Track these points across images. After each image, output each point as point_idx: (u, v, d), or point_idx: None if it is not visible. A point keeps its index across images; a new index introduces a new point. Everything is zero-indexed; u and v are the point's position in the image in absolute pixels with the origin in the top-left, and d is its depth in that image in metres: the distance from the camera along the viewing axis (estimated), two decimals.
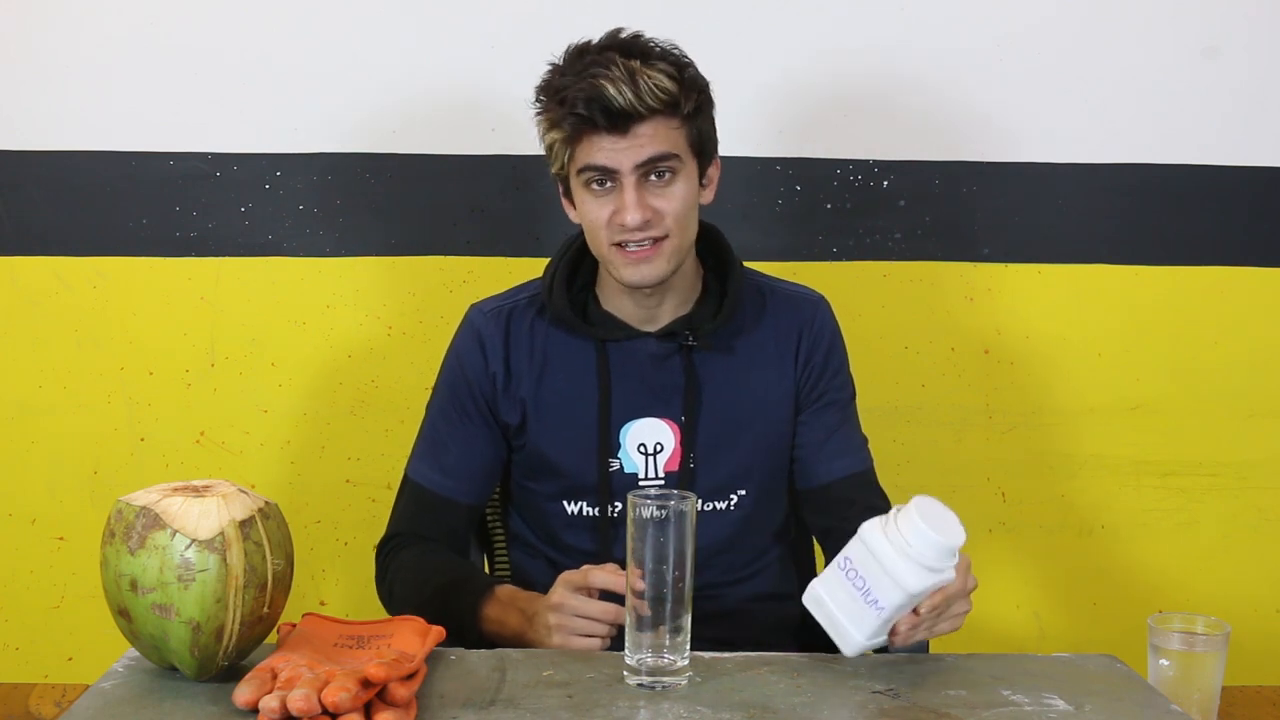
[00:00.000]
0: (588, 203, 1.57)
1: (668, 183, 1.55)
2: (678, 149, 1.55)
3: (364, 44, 2.13)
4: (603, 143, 1.53)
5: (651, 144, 1.53)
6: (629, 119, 1.51)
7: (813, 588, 1.32)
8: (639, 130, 1.52)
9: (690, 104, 1.56)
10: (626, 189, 1.53)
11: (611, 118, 1.51)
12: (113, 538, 1.21)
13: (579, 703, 1.22)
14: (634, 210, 1.53)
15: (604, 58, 1.52)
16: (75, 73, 2.12)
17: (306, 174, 2.15)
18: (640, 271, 1.57)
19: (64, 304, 2.16)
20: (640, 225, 1.54)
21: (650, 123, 1.53)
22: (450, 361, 1.70)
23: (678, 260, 1.59)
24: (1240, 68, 2.18)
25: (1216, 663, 1.37)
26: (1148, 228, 2.21)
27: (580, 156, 1.55)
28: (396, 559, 1.64)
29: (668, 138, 1.54)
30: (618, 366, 1.64)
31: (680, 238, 1.58)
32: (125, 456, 2.18)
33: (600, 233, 1.57)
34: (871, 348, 2.16)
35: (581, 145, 1.54)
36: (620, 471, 1.63)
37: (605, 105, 1.50)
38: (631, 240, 1.55)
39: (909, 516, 1.27)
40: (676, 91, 1.53)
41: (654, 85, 1.51)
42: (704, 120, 1.59)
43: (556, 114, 1.54)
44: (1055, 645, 2.22)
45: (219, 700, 1.18)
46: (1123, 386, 2.23)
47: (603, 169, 1.54)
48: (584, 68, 1.53)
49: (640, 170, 1.53)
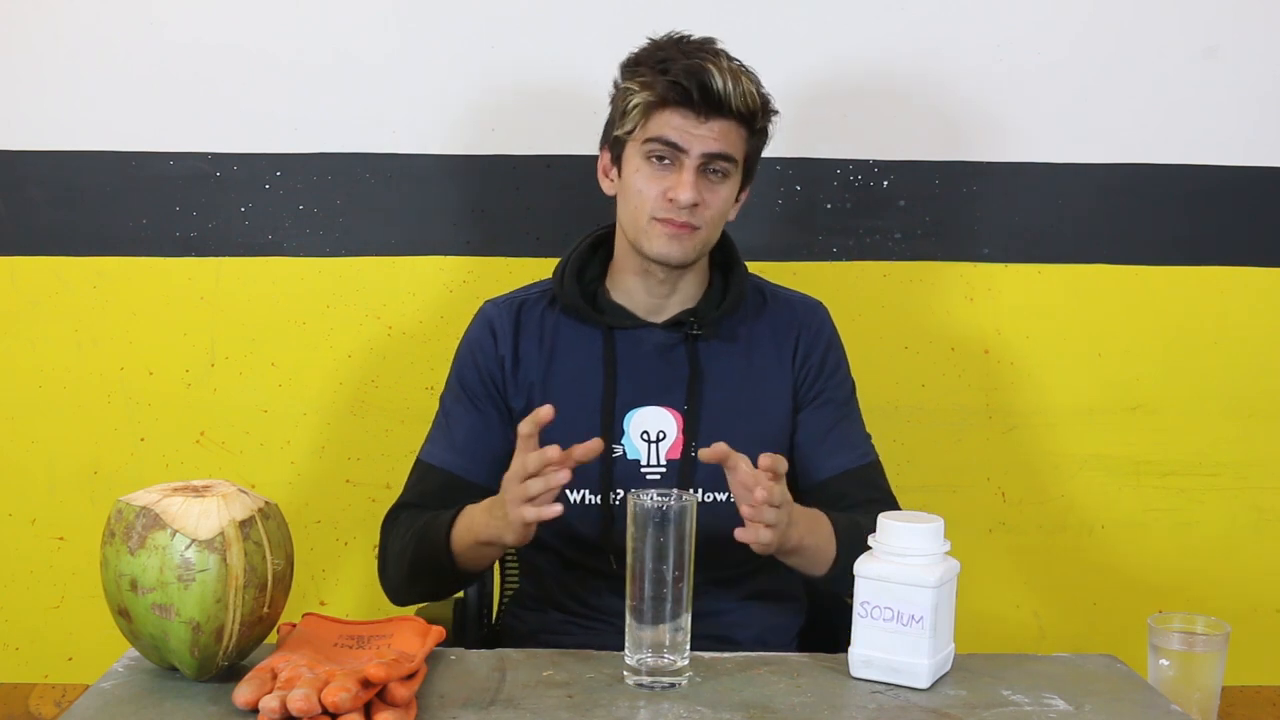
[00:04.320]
0: (642, 171, 1.62)
1: (719, 181, 1.62)
2: (738, 156, 1.63)
3: (364, 44, 2.13)
4: (682, 121, 1.59)
5: (723, 140, 1.60)
6: (717, 108, 1.58)
7: (851, 655, 1.31)
8: (718, 123, 1.59)
9: (762, 123, 1.64)
10: (686, 169, 1.59)
11: (707, 99, 1.57)
12: (113, 538, 1.21)
13: (579, 703, 1.22)
14: (689, 190, 1.59)
15: (712, 48, 1.61)
16: (75, 73, 2.12)
17: (306, 174, 2.15)
18: (672, 247, 1.62)
19: (64, 304, 2.16)
20: (689, 205, 1.59)
21: (730, 122, 1.60)
22: (462, 350, 1.74)
23: (700, 253, 1.65)
24: (1240, 68, 2.18)
25: (1216, 663, 1.37)
26: (1148, 228, 2.21)
27: (653, 127, 1.60)
28: (395, 524, 1.67)
29: (736, 143, 1.62)
30: (624, 354, 1.67)
31: (709, 234, 1.64)
32: (125, 456, 2.18)
33: (647, 204, 1.62)
34: (871, 348, 2.16)
35: (660, 116, 1.60)
36: (623, 458, 1.64)
37: (705, 85, 1.56)
38: (676, 217, 1.60)
39: (880, 527, 1.30)
40: (759, 107, 1.62)
41: (747, 90, 1.60)
42: (762, 144, 1.67)
43: (651, 78, 1.60)
44: (1055, 645, 2.22)
45: (219, 700, 1.19)
46: (1123, 386, 2.23)
47: (673, 145, 1.59)
48: (692, 49, 1.61)
49: (703, 159, 1.60)
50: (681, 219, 1.60)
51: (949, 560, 1.29)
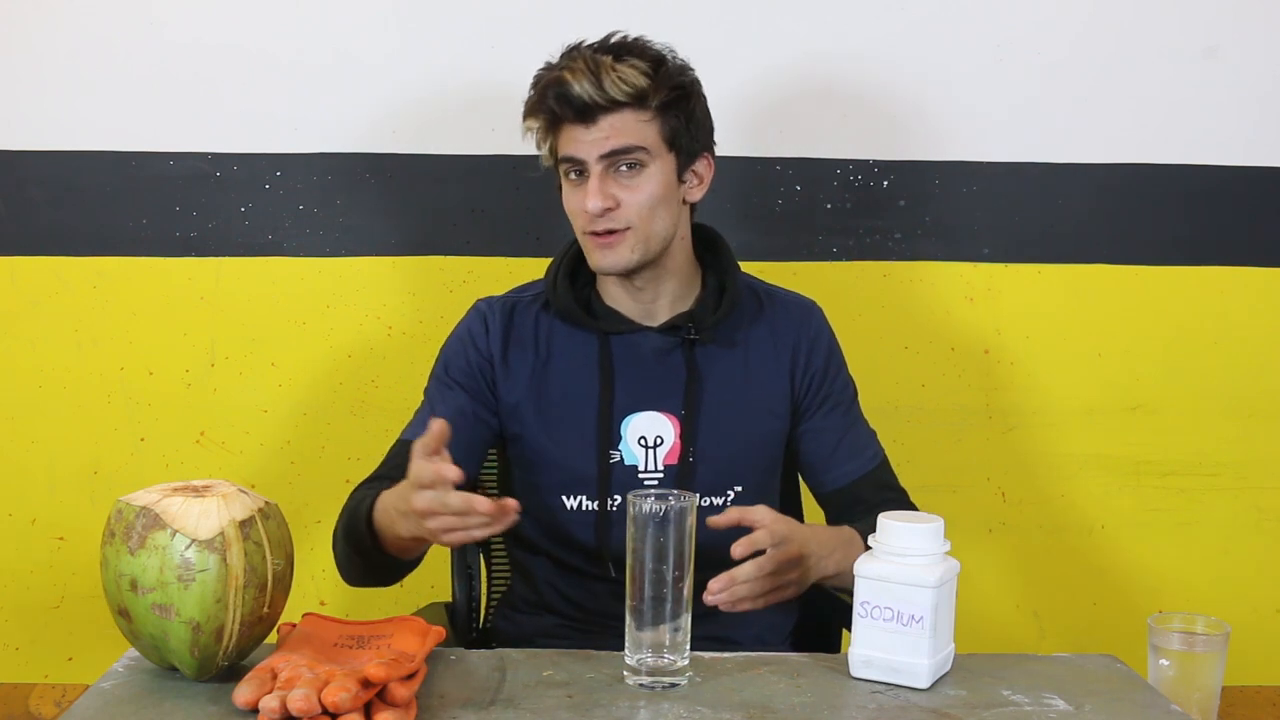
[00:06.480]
0: (565, 191, 1.63)
1: (634, 174, 1.58)
2: (645, 142, 1.58)
3: (364, 44, 2.13)
4: (574, 134, 1.58)
5: (616, 136, 1.56)
6: (593, 111, 1.56)
7: (851, 655, 1.31)
8: (604, 121, 1.56)
9: (660, 98, 1.57)
10: (591, 177, 1.57)
11: (575, 109, 1.56)
12: (113, 538, 1.21)
13: (579, 703, 1.22)
14: (593, 197, 1.56)
15: (577, 53, 1.58)
16: (75, 73, 2.12)
17: (306, 174, 2.15)
18: (606, 256, 1.60)
19: (64, 304, 2.16)
20: (599, 213, 1.57)
21: (616, 115, 1.56)
22: (452, 341, 1.71)
23: (643, 251, 1.60)
24: (1240, 68, 2.18)
25: (1216, 663, 1.36)
26: (1148, 228, 2.21)
27: (559, 148, 1.60)
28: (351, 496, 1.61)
29: (635, 131, 1.57)
30: (620, 360, 1.65)
31: (644, 229, 1.59)
32: (125, 456, 2.18)
33: (576, 221, 1.62)
34: (871, 348, 2.16)
35: (559, 137, 1.60)
36: (621, 464, 1.64)
37: (566, 97, 1.55)
38: (596, 228, 1.58)
39: (880, 527, 1.29)
40: (645, 85, 1.56)
41: (618, 79, 1.55)
42: (681, 115, 1.60)
43: (532, 104, 1.61)
44: (1055, 645, 2.23)
45: (219, 700, 1.18)
46: (1123, 386, 2.23)
47: (572, 159, 1.59)
48: (557, 64, 1.59)
49: (605, 161, 1.57)
50: (600, 228, 1.58)
51: (949, 560, 1.29)
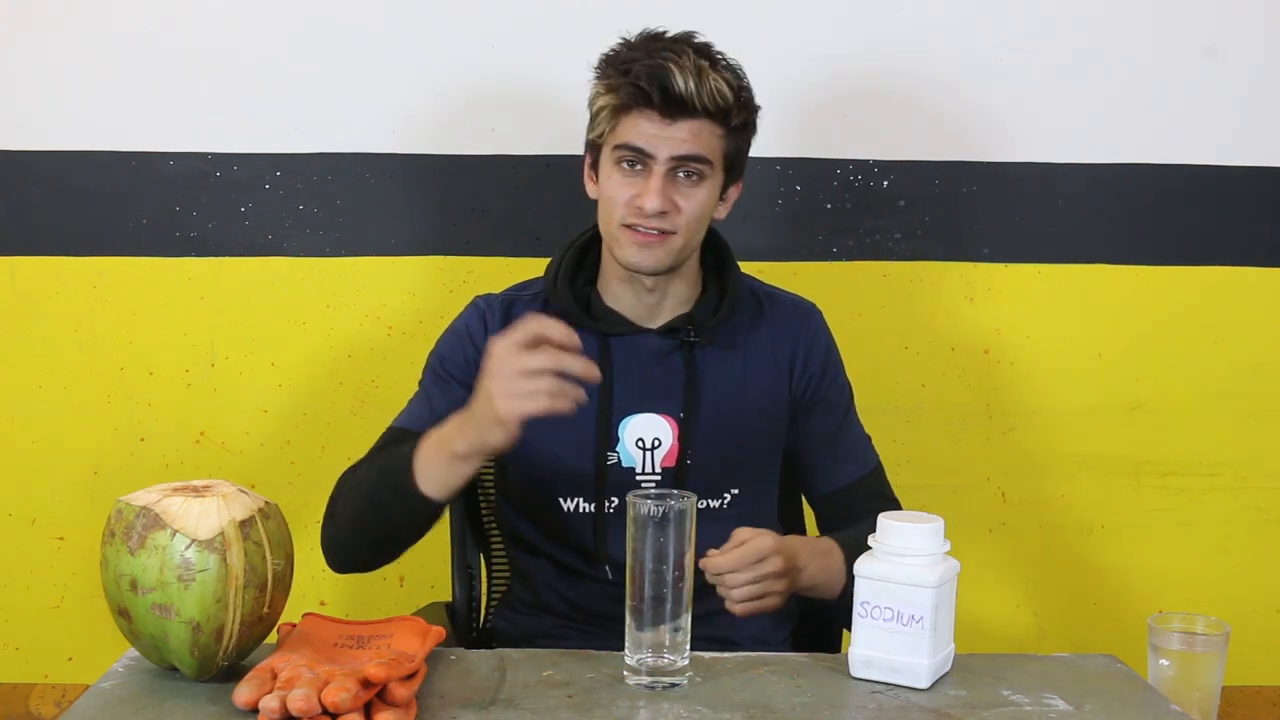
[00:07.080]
0: (613, 178, 1.58)
1: (694, 184, 1.57)
2: (713, 156, 1.57)
3: (364, 44, 2.13)
4: (648, 125, 1.54)
5: (693, 142, 1.55)
6: (682, 110, 1.53)
7: (851, 655, 1.30)
8: (686, 124, 1.54)
9: (739, 119, 1.58)
10: (655, 175, 1.55)
11: (667, 101, 1.53)
12: (113, 538, 1.21)
13: (579, 703, 1.22)
14: (655, 197, 1.54)
15: (678, 47, 1.55)
16: (75, 73, 2.12)
17: (306, 174, 2.15)
18: (642, 256, 1.58)
19: (64, 304, 2.16)
20: (656, 213, 1.55)
21: (699, 121, 1.54)
22: (448, 336, 1.69)
23: (678, 259, 1.60)
24: (1240, 68, 2.18)
25: (1216, 663, 1.36)
26: (1148, 228, 2.21)
27: (621, 132, 1.56)
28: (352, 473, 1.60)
29: (709, 142, 1.56)
30: (620, 361, 1.65)
31: (687, 239, 1.59)
32: (125, 456, 2.18)
33: (616, 210, 1.58)
34: (871, 348, 2.16)
35: (627, 120, 1.56)
36: (618, 466, 1.63)
37: (666, 86, 1.52)
38: (644, 225, 1.56)
39: (880, 527, 1.29)
40: (733, 102, 1.56)
41: (715, 88, 1.53)
42: (744, 140, 1.62)
43: (615, 81, 1.56)
44: (1055, 645, 2.22)
45: (219, 700, 1.18)
46: (1123, 386, 2.23)
47: (639, 151, 1.55)
48: (657, 49, 1.55)
49: (674, 162, 1.55)
50: (650, 226, 1.56)
51: (949, 560, 1.29)
